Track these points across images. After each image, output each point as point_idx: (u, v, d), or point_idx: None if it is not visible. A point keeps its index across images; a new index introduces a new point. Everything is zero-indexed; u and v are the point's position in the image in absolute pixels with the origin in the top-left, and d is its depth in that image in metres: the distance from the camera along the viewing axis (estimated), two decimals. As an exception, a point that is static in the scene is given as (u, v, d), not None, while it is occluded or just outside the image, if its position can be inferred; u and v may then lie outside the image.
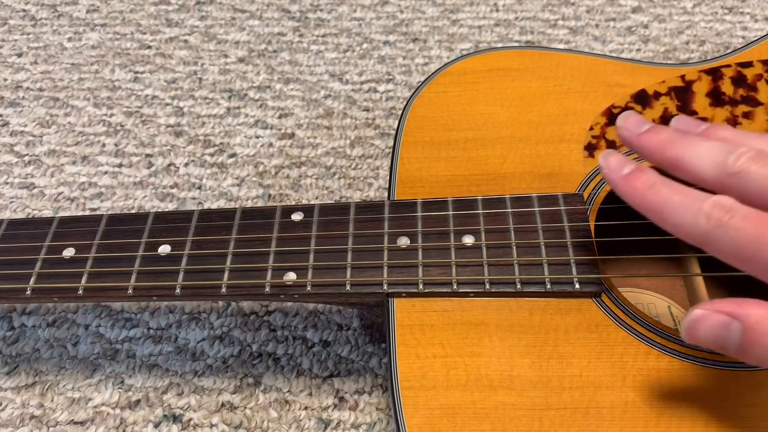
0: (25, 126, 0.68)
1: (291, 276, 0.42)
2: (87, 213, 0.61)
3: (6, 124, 0.68)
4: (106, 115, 0.69)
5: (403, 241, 0.43)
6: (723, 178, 0.33)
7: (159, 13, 0.80)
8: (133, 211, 0.59)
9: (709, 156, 0.34)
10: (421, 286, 0.41)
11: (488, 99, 0.51)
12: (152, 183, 0.63)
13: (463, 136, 0.49)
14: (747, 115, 0.48)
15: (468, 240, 0.42)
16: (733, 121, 0.48)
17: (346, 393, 0.49)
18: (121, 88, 0.71)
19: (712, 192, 0.33)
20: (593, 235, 0.42)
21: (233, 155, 0.65)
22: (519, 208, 0.43)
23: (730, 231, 0.31)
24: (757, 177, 0.32)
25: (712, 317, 0.31)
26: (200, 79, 0.72)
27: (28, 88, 0.72)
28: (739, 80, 0.50)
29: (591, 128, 0.49)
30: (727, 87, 0.50)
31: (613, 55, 0.65)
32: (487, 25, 0.77)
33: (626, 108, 0.49)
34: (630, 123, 0.38)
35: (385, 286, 0.41)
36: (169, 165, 0.64)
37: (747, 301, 0.31)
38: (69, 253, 0.44)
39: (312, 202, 0.59)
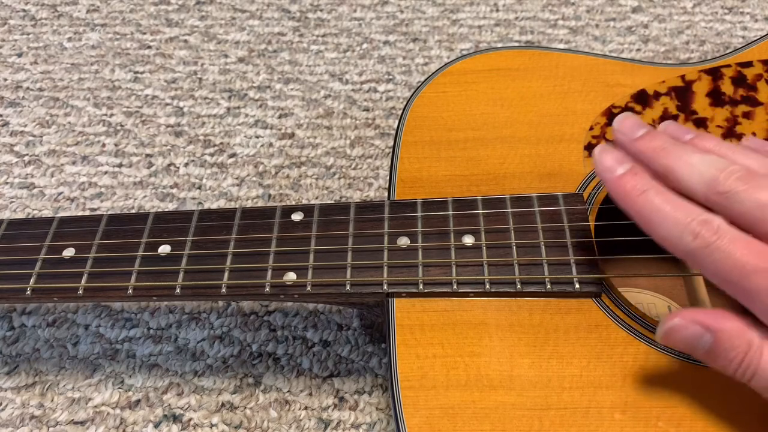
0: (25, 126, 0.68)
1: (291, 276, 0.42)
2: (87, 213, 0.61)
3: (6, 124, 0.68)
4: (106, 115, 0.69)
5: (403, 241, 0.43)
6: (711, 196, 0.34)
7: (159, 13, 0.80)
8: (133, 211, 0.59)
9: (699, 171, 0.34)
10: (421, 286, 0.41)
11: (488, 99, 0.51)
12: (152, 183, 0.63)
13: (463, 136, 0.49)
14: (747, 115, 0.48)
15: (468, 240, 0.42)
16: (733, 121, 0.48)
17: (346, 393, 0.49)
18: (121, 88, 0.71)
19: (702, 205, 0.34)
20: (593, 235, 0.42)
21: (233, 155, 0.65)
22: (519, 208, 0.43)
23: (717, 254, 0.32)
24: (744, 199, 0.33)
25: (689, 328, 0.33)
26: (200, 79, 0.72)
27: (28, 88, 0.72)
28: (739, 80, 0.50)
29: (591, 128, 0.49)
30: (727, 87, 0.50)
31: (613, 55, 0.65)
32: (487, 25, 0.77)
33: (626, 108, 0.49)
34: (626, 126, 0.38)
35: (385, 286, 0.41)
36: (169, 165, 0.64)
37: (722, 315, 0.33)
38: (69, 253, 0.44)
39: (312, 202, 0.59)
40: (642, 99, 0.50)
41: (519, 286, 0.40)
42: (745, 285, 0.31)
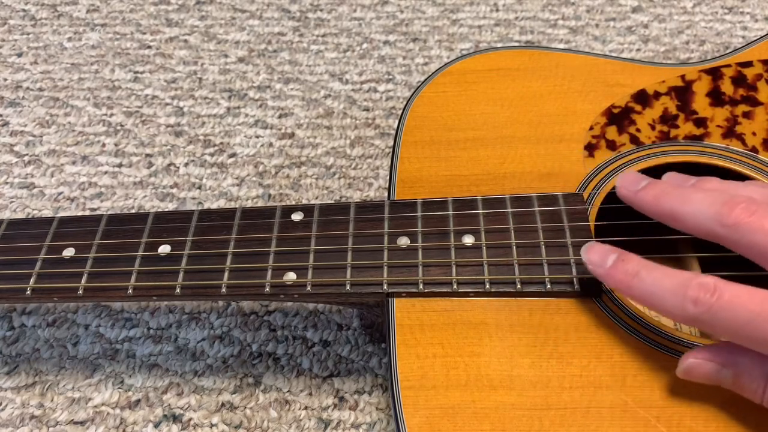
0: (25, 126, 0.68)
1: (291, 276, 0.42)
2: (87, 213, 0.61)
3: (6, 124, 0.68)
4: (106, 115, 0.69)
5: (403, 241, 0.43)
6: (718, 230, 0.34)
7: (159, 13, 0.80)
8: (133, 211, 0.59)
9: (703, 208, 0.34)
10: (421, 286, 0.41)
11: (488, 99, 0.51)
12: (152, 183, 0.63)
13: (463, 136, 0.49)
14: (747, 115, 0.48)
15: (468, 240, 0.42)
16: (733, 121, 0.48)
17: (346, 393, 0.49)
18: (121, 88, 0.71)
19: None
20: (593, 235, 0.42)
21: (233, 155, 0.65)
22: (519, 208, 0.43)
23: (722, 313, 0.32)
24: (753, 230, 0.33)
25: (704, 366, 0.34)
26: (200, 79, 0.72)
27: (28, 88, 0.72)
28: (739, 80, 0.50)
29: (591, 128, 0.49)
30: (727, 87, 0.50)
31: (613, 55, 0.65)
32: (487, 25, 0.77)
33: (626, 108, 0.49)
34: (628, 182, 0.39)
35: (385, 286, 0.41)
36: (169, 165, 0.64)
37: (736, 350, 0.33)
38: (69, 253, 0.44)
39: (312, 202, 0.59)
40: (642, 99, 0.50)
41: (519, 286, 0.40)
42: (760, 336, 0.31)
